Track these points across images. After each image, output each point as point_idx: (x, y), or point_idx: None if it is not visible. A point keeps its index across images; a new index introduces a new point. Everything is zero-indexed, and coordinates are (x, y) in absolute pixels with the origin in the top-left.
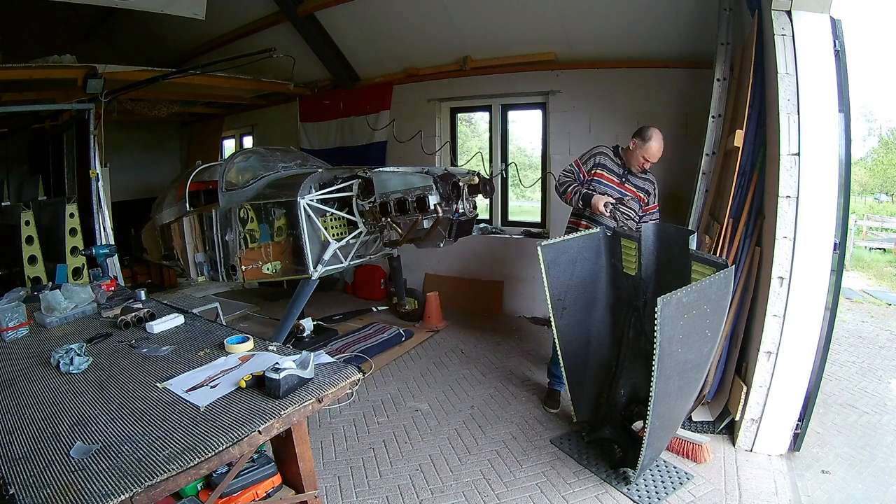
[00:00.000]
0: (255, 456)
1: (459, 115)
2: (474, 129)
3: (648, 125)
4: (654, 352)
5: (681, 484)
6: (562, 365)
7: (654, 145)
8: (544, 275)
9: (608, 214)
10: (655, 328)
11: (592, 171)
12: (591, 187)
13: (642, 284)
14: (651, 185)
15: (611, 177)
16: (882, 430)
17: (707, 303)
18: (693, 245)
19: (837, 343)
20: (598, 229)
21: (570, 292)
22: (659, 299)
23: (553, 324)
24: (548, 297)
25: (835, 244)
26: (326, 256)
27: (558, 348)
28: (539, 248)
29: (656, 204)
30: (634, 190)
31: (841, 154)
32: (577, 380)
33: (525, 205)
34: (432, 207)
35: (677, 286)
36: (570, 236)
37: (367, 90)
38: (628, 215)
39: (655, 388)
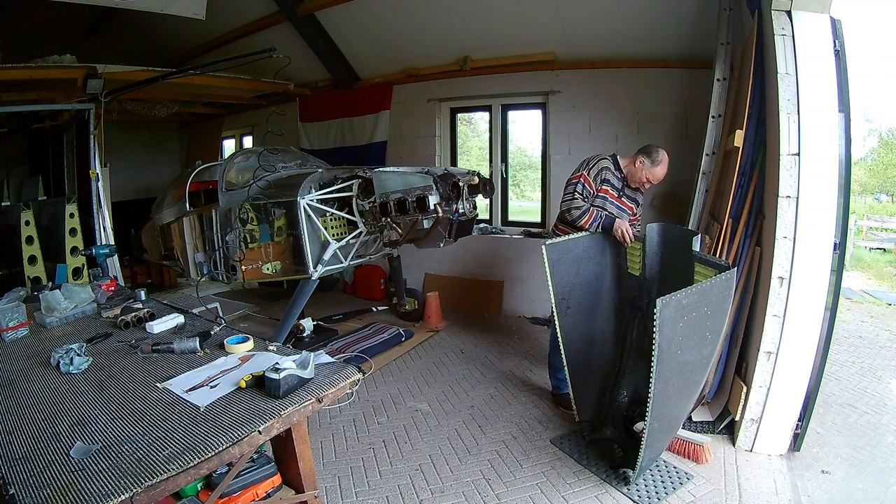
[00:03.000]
0: (255, 456)
1: (459, 115)
2: (474, 129)
3: (656, 146)
4: (654, 353)
5: (681, 484)
6: (565, 364)
7: (662, 170)
8: (548, 274)
9: (629, 244)
10: (654, 330)
11: (599, 188)
12: (596, 204)
13: (646, 285)
14: (641, 195)
15: (612, 192)
16: (882, 430)
17: (707, 305)
18: (697, 246)
19: (837, 343)
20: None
21: (574, 292)
22: (658, 301)
23: (557, 323)
24: (551, 297)
25: (835, 244)
26: (326, 256)
27: (561, 348)
28: (543, 247)
29: (640, 214)
30: (629, 203)
31: (841, 154)
32: (580, 379)
33: (525, 205)
34: (432, 207)
35: (680, 287)
36: (575, 235)
37: (367, 90)
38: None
39: (654, 389)
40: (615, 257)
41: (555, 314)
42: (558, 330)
